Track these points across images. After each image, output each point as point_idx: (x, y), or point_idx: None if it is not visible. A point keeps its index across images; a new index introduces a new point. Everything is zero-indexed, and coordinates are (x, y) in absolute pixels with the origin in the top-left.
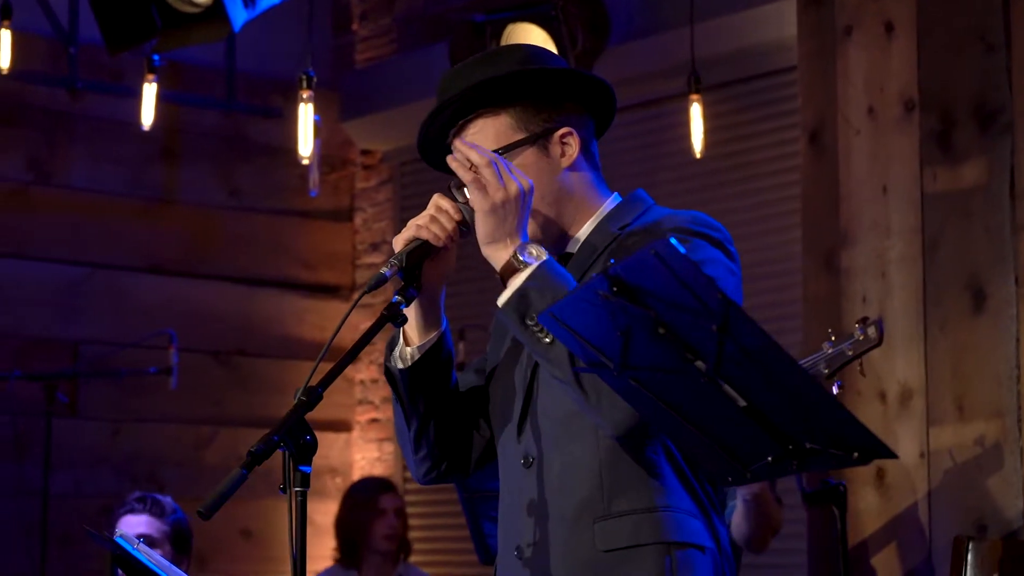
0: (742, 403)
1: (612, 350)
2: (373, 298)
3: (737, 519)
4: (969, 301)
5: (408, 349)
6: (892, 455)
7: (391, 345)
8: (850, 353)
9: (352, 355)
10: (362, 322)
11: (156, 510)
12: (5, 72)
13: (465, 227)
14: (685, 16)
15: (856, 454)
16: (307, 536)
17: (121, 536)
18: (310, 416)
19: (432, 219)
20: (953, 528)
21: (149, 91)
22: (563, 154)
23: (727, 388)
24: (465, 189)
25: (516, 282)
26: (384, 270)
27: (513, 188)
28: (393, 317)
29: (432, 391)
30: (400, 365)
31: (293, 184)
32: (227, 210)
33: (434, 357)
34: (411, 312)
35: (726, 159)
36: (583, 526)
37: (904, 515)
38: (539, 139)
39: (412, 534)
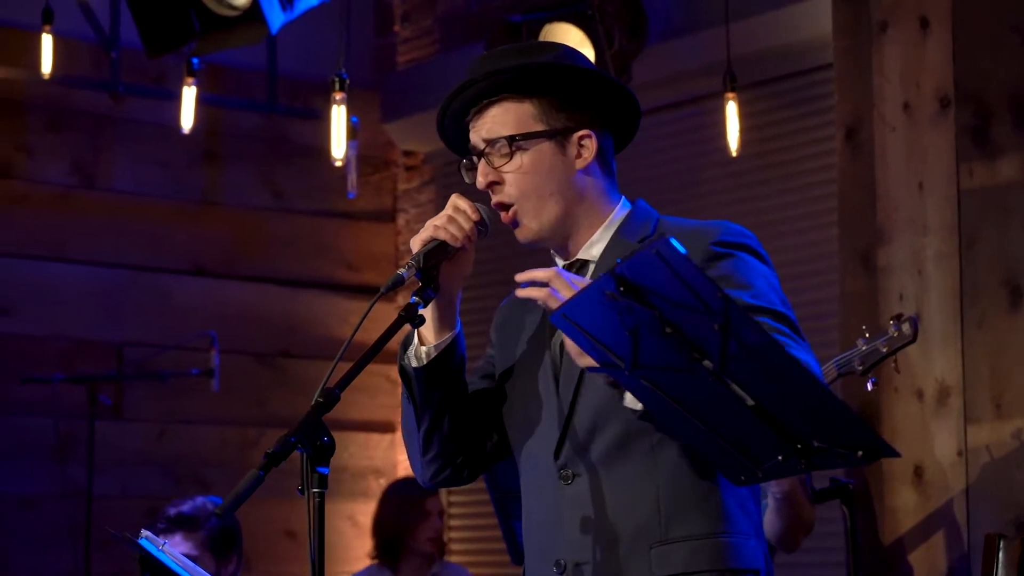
0: (750, 402)
1: (623, 350)
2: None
3: (769, 518)
4: (1006, 298)
5: (423, 348)
6: (895, 454)
7: (405, 344)
8: (884, 350)
9: (371, 355)
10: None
11: (189, 526)
12: (47, 77)
13: (483, 227)
14: (723, 14)
15: (860, 452)
16: (351, 537)
17: (145, 538)
18: (356, 416)
19: (450, 219)
20: (991, 525)
21: (188, 94)
22: (579, 155)
23: (734, 387)
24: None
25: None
26: (401, 271)
27: (583, 287)
28: (411, 318)
29: (444, 392)
30: (415, 364)
31: (335, 185)
32: (269, 212)
33: (448, 358)
34: (427, 313)
35: (763, 157)
36: (639, 550)
37: (942, 512)
38: (557, 135)
39: (452, 534)
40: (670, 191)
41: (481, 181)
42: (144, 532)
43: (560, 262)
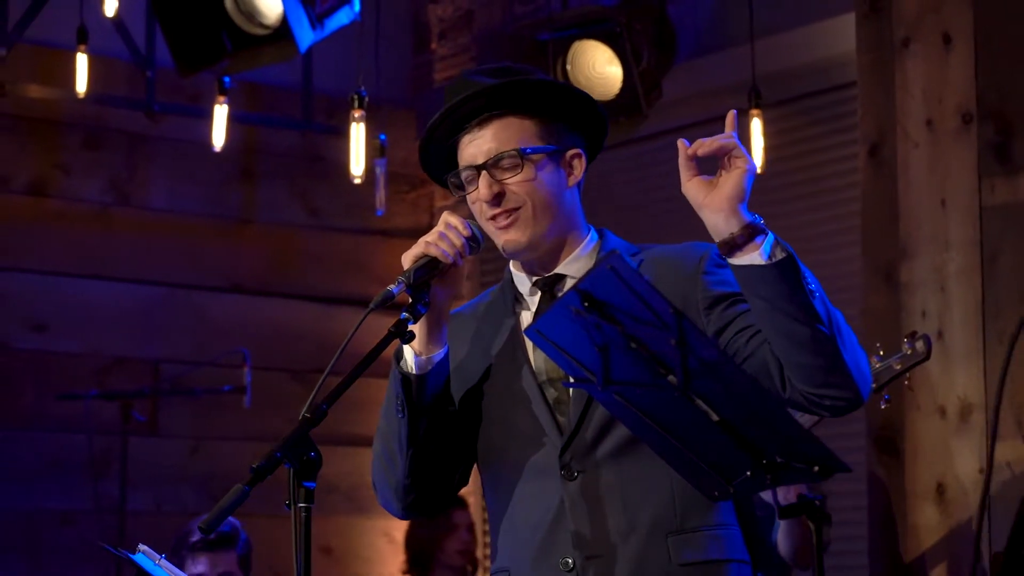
0: (715, 418)
1: (595, 365)
2: None
3: (782, 536)
4: None
5: (420, 359)
6: (847, 469)
7: (397, 357)
8: (898, 367)
9: (360, 370)
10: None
11: (227, 542)
12: (82, 96)
13: (474, 243)
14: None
15: (816, 468)
16: (387, 553)
17: (142, 552)
18: None
19: (440, 236)
20: None
21: (220, 112)
22: (571, 173)
23: (700, 403)
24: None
25: (772, 240)
26: (392, 287)
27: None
28: (400, 334)
29: (437, 406)
30: (416, 371)
31: (370, 203)
32: (305, 229)
33: (440, 373)
34: (418, 329)
35: (788, 175)
36: (656, 540)
37: (963, 530)
38: (555, 152)
39: (489, 551)
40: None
41: (487, 192)
42: (141, 547)
43: (529, 279)
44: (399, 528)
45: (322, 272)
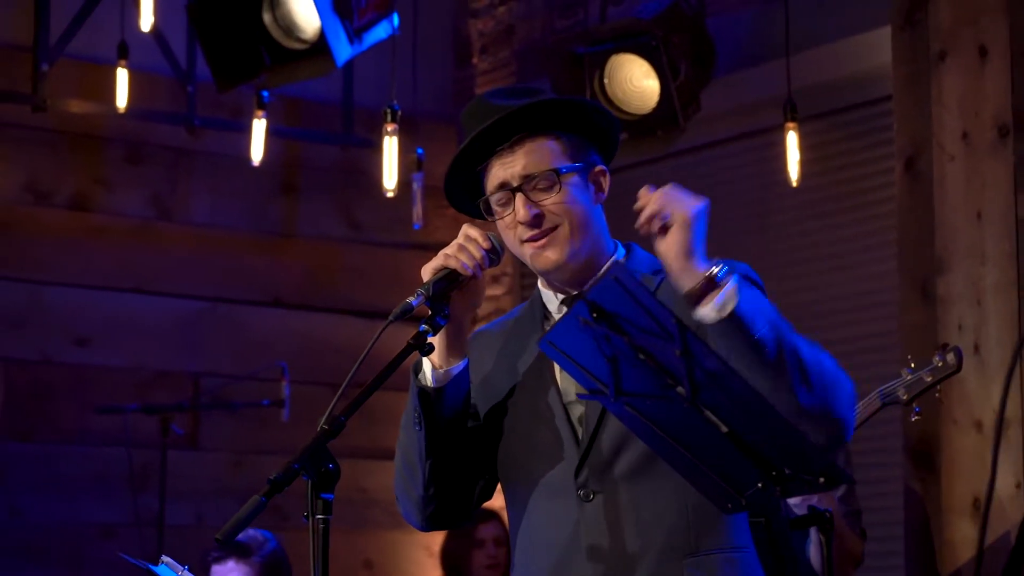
0: (724, 429)
1: (606, 377)
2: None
3: (813, 551)
4: None
5: (439, 372)
6: (850, 480)
7: (416, 370)
8: (929, 379)
9: (378, 382)
10: None
11: (242, 553)
12: (123, 111)
13: (494, 255)
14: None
15: (821, 479)
16: (428, 567)
17: (164, 564)
18: None
19: (460, 248)
20: None
21: (259, 126)
22: (598, 189)
23: (708, 414)
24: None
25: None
26: (411, 299)
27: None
28: (420, 346)
29: (455, 419)
30: (434, 384)
31: (411, 217)
32: (346, 243)
33: (458, 386)
34: (437, 341)
35: (825, 188)
36: (672, 562)
37: (1000, 545)
38: (582, 170)
39: None
40: (735, 221)
41: (525, 214)
42: (164, 558)
43: (556, 296)
44: (439, 542)
45: (362, 286)
